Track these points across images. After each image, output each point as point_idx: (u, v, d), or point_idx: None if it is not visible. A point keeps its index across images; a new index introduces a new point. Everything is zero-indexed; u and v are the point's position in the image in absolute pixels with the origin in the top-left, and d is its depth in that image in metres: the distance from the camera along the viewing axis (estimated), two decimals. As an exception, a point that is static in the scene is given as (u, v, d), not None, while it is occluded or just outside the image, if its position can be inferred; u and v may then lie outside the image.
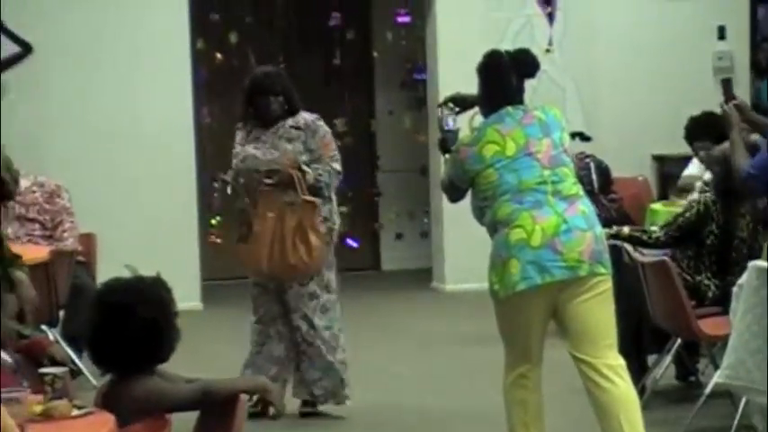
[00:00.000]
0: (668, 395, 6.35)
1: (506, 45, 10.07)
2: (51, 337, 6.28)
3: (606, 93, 10.26)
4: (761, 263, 5.41)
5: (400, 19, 11.25)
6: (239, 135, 6.27)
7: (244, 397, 3.55)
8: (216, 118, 11.28)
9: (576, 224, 4.67)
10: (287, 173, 5.97)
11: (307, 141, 6.09)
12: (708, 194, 6.09)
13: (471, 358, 7.54)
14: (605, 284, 4.74)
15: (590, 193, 8.05)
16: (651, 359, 6.26)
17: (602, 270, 4.71)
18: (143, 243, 9.39)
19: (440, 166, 10.26)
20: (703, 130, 7.61)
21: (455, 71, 10.02)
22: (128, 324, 3.54)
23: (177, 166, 9.66)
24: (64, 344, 6.25)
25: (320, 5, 10.90)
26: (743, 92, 10.36)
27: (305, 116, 6.17)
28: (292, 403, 6.13)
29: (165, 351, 3.61)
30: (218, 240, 11.23)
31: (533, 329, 4.79)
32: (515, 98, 4.86)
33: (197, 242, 9.84)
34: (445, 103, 5.13)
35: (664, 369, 6.12)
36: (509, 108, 4.81)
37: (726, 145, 6.10)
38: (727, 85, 5.91)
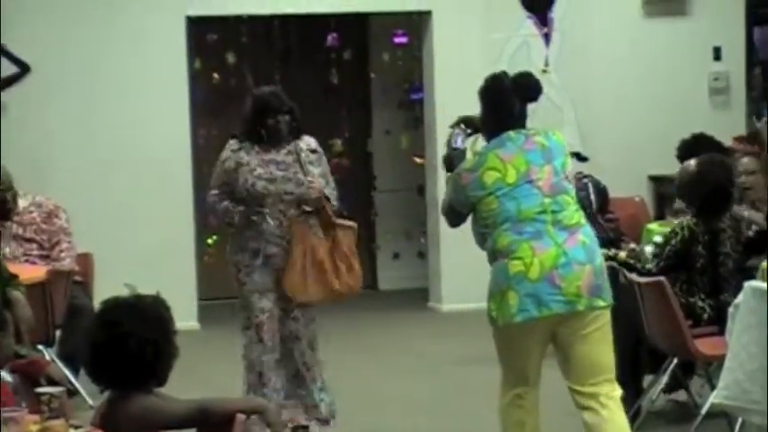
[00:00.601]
0: (664, 415, 6.35)
1: (503, 65, 10.14)
2: (47, 357, 6.27)
3: (603, 113, 10.29)
4: (757, 283, 5.42)
5: (397, 39, 11.29)
6: (243, 155, 6.05)
7: (240, 416, 3.55)
8: (213, 138, 11.29)
9: (575, 257, 4.65)
10: (320, 199, 5.99)
11: (320, 165, 6.12)
12: (687, 218, 6.06)
13: (467, 379, 7.53)
14: (605, 317, 4.74)
15: (588, 214, 8.13)
16: (647, 379, 6.25)
17: (602, 303, 4.70)
18: (140, 263, 9.38)
19: (436, 185, 10.32)
20: (695, 151, 7.64)
21: (452, 91, 10.06)
22: (127, 342, 3.55)
23: (174, 186, 9.67)
24: (60, 363, 6.24)
25: (317, 25, 10.93)
26: (738, 113, 10.41)
27: (309, 140, 6.16)
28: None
29: (163, 369, 3.61)
30: (214, 260, 11.25)
31: (531, 356, 4.79)
32: (517, 122, 4.83)
33: (194, 262, 9.83)
34: (458, 123, 5.12)
35: (660, 389, 6.11)
36: (510, 133, 4.79)
37: (692, 162, 6.10)
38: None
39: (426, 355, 8.24)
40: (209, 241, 11.14)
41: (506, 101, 4.84)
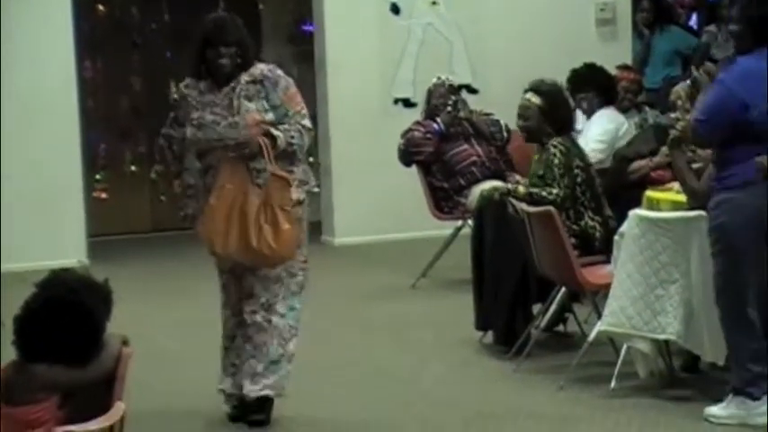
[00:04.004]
0: (552, 344, 6.46)
1: (392, -3, 10.14)
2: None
3: (492, 45, 10.31)
4: (640, 211, 5.54)
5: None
6: (187, 94, 5.24)
7: (127, 349, 3.52)
8: (99, 72, 11.10)
9: None
10: (256, 142, 5.06)
11: (269, 96, 5.17)
12: (554, 140, 6.21)
13: (361, 312, 7.58)
14: None
15: (502, 147, 8.27)
16: (536, 309, 6.35)
17: None
18: (27, 199, 9.23)
19: (327, 117, 10.29)
20: (585, 81, 7.75)
21: (343, 24, 10.01)
22: (80, 313, 3.44)
23: (60, 120, 9.47)
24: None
25: (204, -44, 10.73)
26: (625, 43, 10.53)
27: (261, 67, 5.23)
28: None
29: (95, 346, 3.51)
30: (104, 195, 11.10)
31: None
32: None
33: (82, 198, 9.68)
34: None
35: (548, 318, 6.22)
36: None
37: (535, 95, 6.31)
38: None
39: (321, 291, 8.25)
40: (98, 176, 11.00)
41: None
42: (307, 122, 5.23)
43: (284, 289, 5.24)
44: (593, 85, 7.73)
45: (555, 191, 6.11)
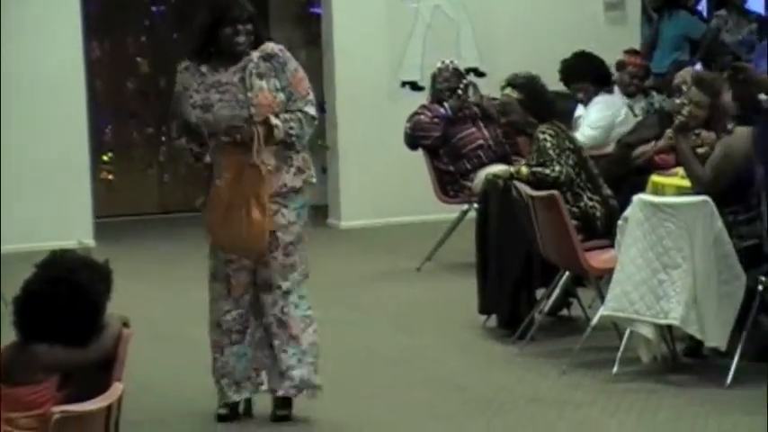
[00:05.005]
0: (555, 328, 6.46)
1: (401, -21, 10.11)
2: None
3: (500, 28, 10.29)
4: (644, 196, 5.54)
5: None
6: (188, 78, 5.02)
7: (126, 331, 3.53)
8: (106, 53, 11.10)
9: None
10: (251, 131, 4.87)
11: (278, 76, 4.96)
12: (540, 127, 6.25)
13: (368, 296, 7.58)
14: None
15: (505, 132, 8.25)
16: (540, 293, 6.35)
17: None
18: (34, 180, 9.27)
19: (335, 100, 10.27)
20: (577, 71, 7.73)
21: (350, 6, 9.99)
22: (80, 293, 3.44)
23: (68, 101, 9.47)
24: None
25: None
26: (632, 32, 10.49)
27: (271, 45, 5.02)
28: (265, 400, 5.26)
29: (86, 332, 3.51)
30: (111, 177, 11.11)
31: None
32: None
33: (89, 179, 9.70)
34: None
35: (552, 302, 6.21)
36: None
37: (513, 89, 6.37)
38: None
39: (326, 274, 8.26)
40: (105, 158, 11.02)
41: None
42: (310, 110, 5.00)
43: (299, 276, 5.09)
44: (587, 74, 7.71)
45: (557, 168, 6.13)
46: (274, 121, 4.90)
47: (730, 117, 5.60)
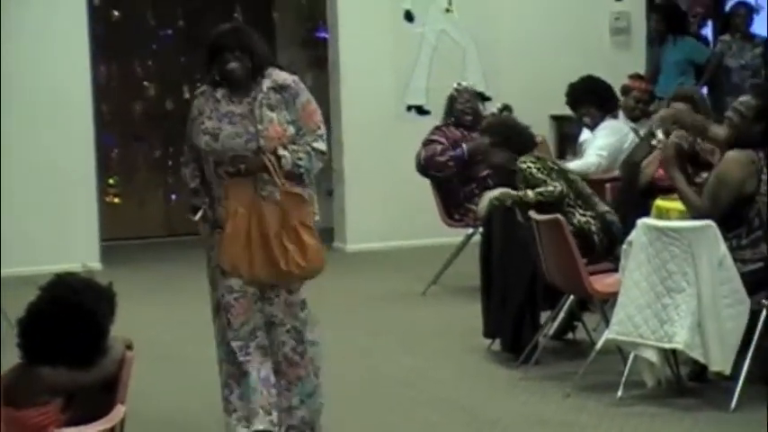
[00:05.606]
0: (560, 352, 6.46)
1: (407, 4, 10.17)
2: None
3: (505, 53, 10.33)
4: (649, 220, 5.55)
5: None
6: (202, 103, 4.95)
7: (129, 353, 3.54)
8: (114, 76, 11.16)
9: None
10: (259, 160, 4.80)
11: (288, 109, 4.89)
12: (520, 159, 6.40)
13: (374, 319, 7.59)
14: None
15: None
16: (544, 316, 6.35)
17: None
18: (41, 202, 9.30)
19: (340, 123, 10.31)
20: (583, 95, 7.75)
21: (356, 30, 10.04)
22: (85, 316, 3.46)
23: (75, 125, 9.52)
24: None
25: (220, -37, 10.81)
26: (638, 52, 10.54)
27: (284, 75, 4.94)
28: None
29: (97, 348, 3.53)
30: (117, 200, 11.14)
31: None
32: None
33: (95, 201, 9.73)
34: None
35: (556, 326, 6.22)
36: None
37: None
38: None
39: (332, 296, 8.27)
40: (112, 181, 11.05)
41: None
42: (320, 145, 4.91)
43: (309, 313, 5.01)
44: (592, 98, 7.72)
45: (556, 186, 6.23)
46: (282, 151, 4.83)
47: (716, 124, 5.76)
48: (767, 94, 5.77)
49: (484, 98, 9.94)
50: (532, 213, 6.08)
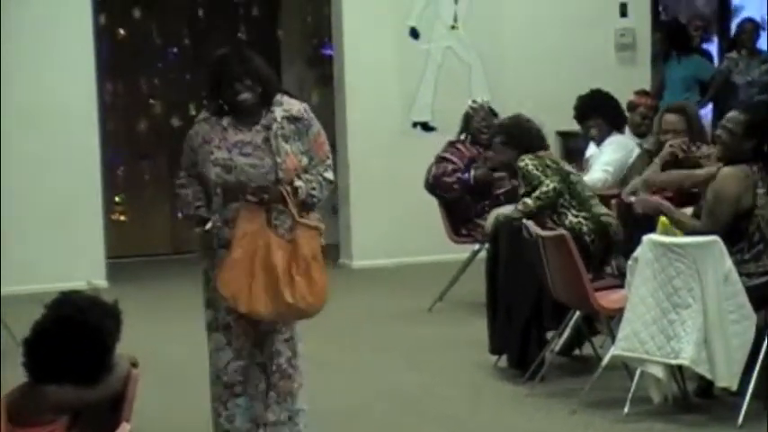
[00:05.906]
0: (566, 368, 6.45)
1: (412, 22, 10.19)
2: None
3: (511, 69, 10.35)
4: (654, 236, 5.54)
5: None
6: (208, 131, 4.81)
7: (135, 371, 3.54)
8: (119, 94, 11.19)
9: None
10: (278, 191, 4.73)
11: (301, 139, 4.83)
12: (519, 159, 6.43)
13: (380, 336, 7.58)
14: None
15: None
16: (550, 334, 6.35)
17: None
18: (47, 221, 9.30)
19: (346, 140, 10.33)
20: (591, 108, 7.75)
21: (362, 47, 10.05)
22: (90, 334, 3.46)
23: (81, 143, 9.53)
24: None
25: (225, -20, 10.84)
26: (643, 68, 10.55)
27: (295, 104, 4.86)
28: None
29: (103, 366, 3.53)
30: (123, 218, 11.15)
31: None
32: None
33: (101, 220, 9.74)
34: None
35: (562, 342, 6.21)
36: None
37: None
38: None
39: (338, 313, 8.26)
40: (117, 199, 11.06)
41: None
42: (329, 175, 4.88)
43: (299, 327, 4.94)
44: (601, 111, 7.71)
45: (550, 183, 6.26)
46: (298, 182, 4.77)
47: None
48: (754, 109, 5.81)
49: (495, 115, 9.98)
50: (537, 229, 6.06)
